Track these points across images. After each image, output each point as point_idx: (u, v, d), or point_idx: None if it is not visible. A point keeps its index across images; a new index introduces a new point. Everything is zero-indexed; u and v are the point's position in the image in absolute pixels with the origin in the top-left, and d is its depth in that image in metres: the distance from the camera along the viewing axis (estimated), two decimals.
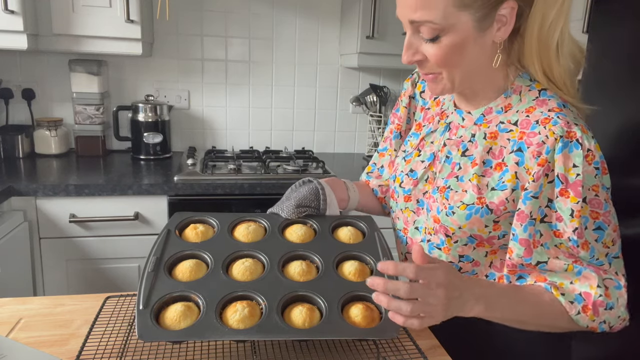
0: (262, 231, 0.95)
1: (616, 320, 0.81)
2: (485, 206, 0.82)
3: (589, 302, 0.79)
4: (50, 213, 1.74)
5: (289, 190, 1.04)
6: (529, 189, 0.78)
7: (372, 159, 1.18)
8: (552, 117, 0.79)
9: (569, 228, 0.78)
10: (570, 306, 0.80)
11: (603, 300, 0.79)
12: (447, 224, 0.86)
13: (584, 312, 0.79)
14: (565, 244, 0.79)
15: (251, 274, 0.83)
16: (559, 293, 0.80)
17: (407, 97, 1.06)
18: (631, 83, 1.34)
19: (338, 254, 0.89)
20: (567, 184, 0.76)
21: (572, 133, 0.76)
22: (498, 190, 0.82)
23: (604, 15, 1.42)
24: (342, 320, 0.76)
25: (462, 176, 0.86)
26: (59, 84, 2.21)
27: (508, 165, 0.81)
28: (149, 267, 0.82)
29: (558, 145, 0.76)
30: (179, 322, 0.74)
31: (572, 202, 0.76)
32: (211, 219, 0.97)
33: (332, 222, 0.98)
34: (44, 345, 0.81)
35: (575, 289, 0.80)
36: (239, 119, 2.45)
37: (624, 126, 1.36)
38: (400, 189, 0.97)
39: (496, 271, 0.89)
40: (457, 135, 0.90)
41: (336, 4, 2.40)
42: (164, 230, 0.92)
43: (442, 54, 0.78)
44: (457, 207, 0.84)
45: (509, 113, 0.84)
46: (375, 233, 0.95)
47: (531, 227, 0.79)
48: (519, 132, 0.82)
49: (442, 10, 0.74)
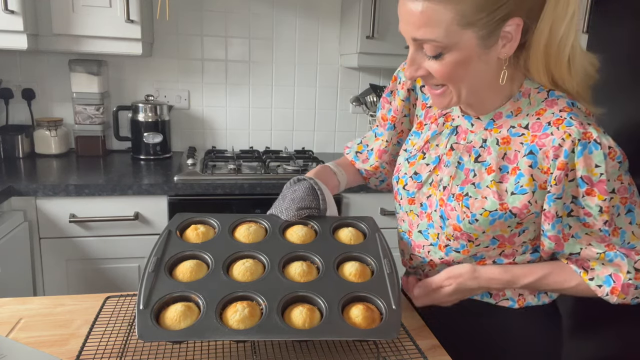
0: (263, 232, 0.95)
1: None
2: (508, 211, 0.83)
3: (618, 284, 0.83)
4: (50, 213, 1.74)
5: (285, 189, 1.03)
6: (552, 192, 0.80)
7: (366, 139, 1.16)
8: (565, 118, 0.79)
9: (599, 222, 0.80)
10: (599, 289, 0.85)
11: (632, 282, 0.82)
12: (470, 231, 0.86)
13: (612, 294, 0.84)
14: (596, 233, 0.82)
15: (252, 275, 0.83)
16: (587, 278, 0.85)
17: (405, 90, 1.03)
18: (631, 83, 1.34)
19: (339, 255, 0.89)
20: (592, 184, 0.77)
21: (589, 134, 0.76)
22: (518, 194, 0.82)
23: (604, 15, 1.42)
24: (342, 321, 0.76)
25: (479, 183, 0.86)
26: (59, 84, 2.21)
27: (522, 169, 0.82)
28: (149, 268, 0.82)
29: (577, 148, 0.76)
30: (179, 322, 0.74)
31: (600, 200, 0.78)
32: (212, 220, 0.97)
33: (332, 223, 0.98)
34: (44, 345, 0.81)
35: (605, 272, 0.84)
36: (239, 119, 2.45)
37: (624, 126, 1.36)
38: (404, 191, 0.97)
39: (505, 258, 0.90)
40: (466, 140, 0.89)
41: (336, 4, 2.40)
42: (164, 230, 0.92)
43: (446, 71, 0.77)
44: (479, 215, 0.84)
45: (519, 117, 0.84)
46: (376, 234, 0.95)
47: (559, 224, 0.82)
48: (530, 136, 0.82)
49: (444, 28, 0.73)
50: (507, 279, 0.88)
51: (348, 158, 1.17)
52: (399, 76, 1.05)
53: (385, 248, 0.90)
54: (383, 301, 0.79)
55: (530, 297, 0.94)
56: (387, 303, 0.79)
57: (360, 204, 1.99)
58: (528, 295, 0.93)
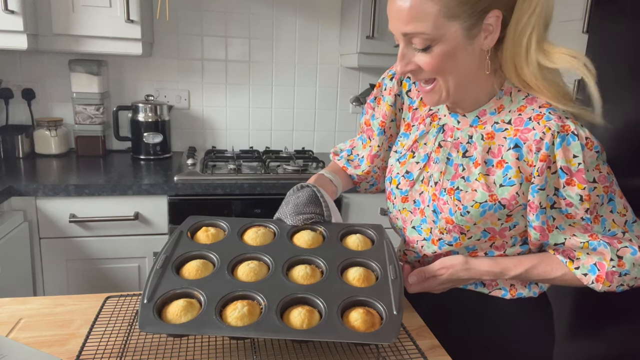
0: (271, 235, 0.96)
1: (634, 281, 0.88)
2: (497, 202, 0.87)
3: (602, 272, 0.87)
4: (50, 213, 1.74)
5: (288, 195, 1.05)
6: (535, 183, 0.84)
7: (354, 148, 1.19)
8: (544, 113, 0.84)
9: (580, 211, 0.84)
10: (585, 278, 0.88)
11: (616, 270, 0.86)
12: (462, 223, 0.90)
13: (597, 282, 0.87)
14: (579, 223, 0.86)
15: (255, 276, 0.84)
16: (573, 267, 0.89)
17: (392, 96, 1.07)
18: (631, 83, 1.34)
19: (343, 260, 0.89)
20: (571, 174, 0.82)
21: (567, 126, 0.82)
22: (507, 186, 0.87)
23: (604, 15, 1.42)
24: (340, 323, 0.76)
25: (468, 177, 0.90)
26: (59, 84, 2.21)
27: (509, 162, 0.86)
28: (157, 265, 0.84)
29: (557, 140, 0.81)
30: (180, 317, 0.75)
31: (579, 189, 0.82)
32: (223, 223, 0.99)
33: (341, 230, 0.98)
34: (44, 345, 0.81)
35: (590, 261, 0.88)
36: (239, 119, 2.45)
37: (624, 126, 1.36)
38: (398, 190, 1.01)
39: (496, 250, 0.95)
40: (453, 137, 0.94)
41: (336, 4, 2.40)
42: (176, 231, 0.95)
43: (435, 63, 0.82)
44: (470, 207, 0.89)
45: (502, 113, 0.89)
46: (384, 241, 0.95)
47: (543, 215, 0.86)
48: (513, 130, 0.87)
49: (432, 21, 0.78)
50: (497, 270, 0.92)
51: (339, 164, 1.19)
52: (384, 83, 1.10)
53: (392, 255, 0.90)
54: (384, 306, 0.79)
55: (522, 288, 0.97)
56: (389, 308, 0.79)
57: (360, 204, 1.99)
58: (519, 286, 0.97)
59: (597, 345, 1.44)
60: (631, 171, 1.33)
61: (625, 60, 1.37)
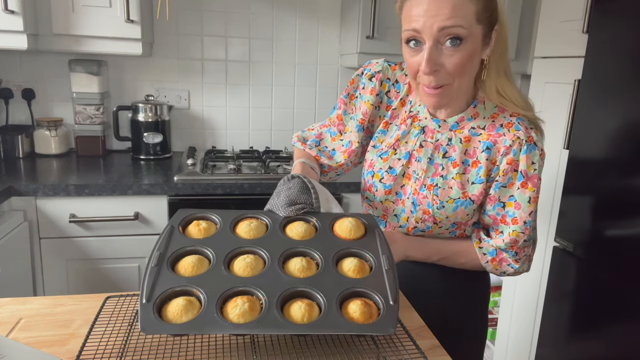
0: (264, 228, 0.96)
1: (513, 273, 1.07)
2: (468, 199, 1.01)
3: (498, 256, 1.05)
4: (50, 213, 1.74)
5: (279, 186, 1.05)
6: (499, 180, 0.99)
7: (322, 140, 1.21)
8: (514, 122, 0.99)
9: (525, 213, 0.99)
10: (483, 257, 1.06)
11: (510, 261, 1.04)
12: (437, 215, 1.03)
13: (491, 262, 1.06)
14: (517, 230, 1.00)
15: (252, 270, 0.84)
16: (479, 246, 1.06)
17: (373, 95, 1.11)
18: (631, 83, 1.34)
19: (338, 251, 0.90)
20: (527, 177, 0.98)
21: (531, 137, 0.97)
22: (477, 184, 1.00)
23: (604, 15, 1.42)
24: (340, 316, 0.76)
25: (446, 175, 1.02)
26: (59, 84, 2.21)
27: (481, 163, 1.00)
28: (152, 262, 0.83)
29: (523, 148, 0.96)
30: (181, 316, 0.75)
31: (530, 191, 0.98)
32: (214, 216, 0.98)
33: (332, 218, 0.98)
34: (44, 345, 0.81)
35: (493, 246, 1.04)
36: (239, 119, 2.45)
37: (624, 126, 1.36)
38: (381, 184, 1.08)
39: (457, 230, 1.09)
40: (433, 139, 1.04)
41: (336, 4, 2.40)
42: (167, 226, 0.94)
43: (461, 63, 0.89)
44: (446, 202, 1.01)
45: (477, 120, 1.02)
46: (375, 230, 0.96)
47: (499, 208, 1.01)
48: (486, 134, 1.00)
49: (469, 19, 0.87)
50: (422, 257, 1.07)
51: (311, 153, 1.20)
52: (363, 82, 1.13)
53: (384, 244, 0.91)
54: (381, 297, 0.80)
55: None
56: (385, 299, 0.80)
57: (360, 203, 1.99)
58: None
59: (597, 345, 1.44)
60: (631, 171, 1.33)
61: (625, 60, 1.37)
